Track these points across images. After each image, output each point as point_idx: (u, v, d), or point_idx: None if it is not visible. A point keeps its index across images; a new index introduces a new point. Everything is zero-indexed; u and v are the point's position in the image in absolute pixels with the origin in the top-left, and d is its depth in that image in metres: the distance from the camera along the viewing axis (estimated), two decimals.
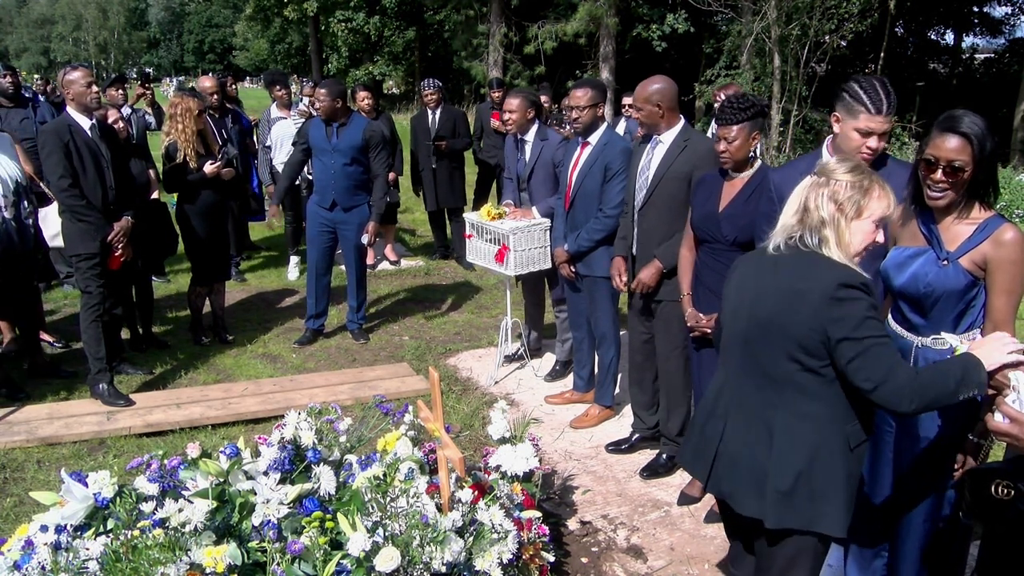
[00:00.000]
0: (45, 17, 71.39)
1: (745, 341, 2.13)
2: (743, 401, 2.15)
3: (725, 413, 2.19)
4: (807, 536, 2.08)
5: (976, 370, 1.94)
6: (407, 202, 9.14)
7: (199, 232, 5.24)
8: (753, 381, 2.12)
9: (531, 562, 2.72)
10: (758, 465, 2.08)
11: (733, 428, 2.16)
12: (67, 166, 4.18)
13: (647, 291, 3.65)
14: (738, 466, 2.13)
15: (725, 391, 2.21)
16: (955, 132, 2.17)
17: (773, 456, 2.06)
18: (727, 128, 3.06)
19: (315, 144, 5.38)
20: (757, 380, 2.11)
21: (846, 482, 2.05)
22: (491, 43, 20.45)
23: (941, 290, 2.27)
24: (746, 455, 2.12)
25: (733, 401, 2.18)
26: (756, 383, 2.11)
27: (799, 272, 2.03)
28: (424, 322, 6.17)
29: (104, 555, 2.21)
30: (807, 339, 1.98)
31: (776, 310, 2.04)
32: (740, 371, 2.16)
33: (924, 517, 2.43)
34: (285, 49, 37.71)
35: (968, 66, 25.20)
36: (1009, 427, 1.85)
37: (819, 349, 1.98)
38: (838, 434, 2.04)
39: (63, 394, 4.68)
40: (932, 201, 2.25)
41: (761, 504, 2.08)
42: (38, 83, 14.27)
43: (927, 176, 2.23)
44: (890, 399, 1.92)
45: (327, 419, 2.90)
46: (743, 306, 2.15)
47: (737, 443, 2.14)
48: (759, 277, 2.13)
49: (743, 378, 2.15)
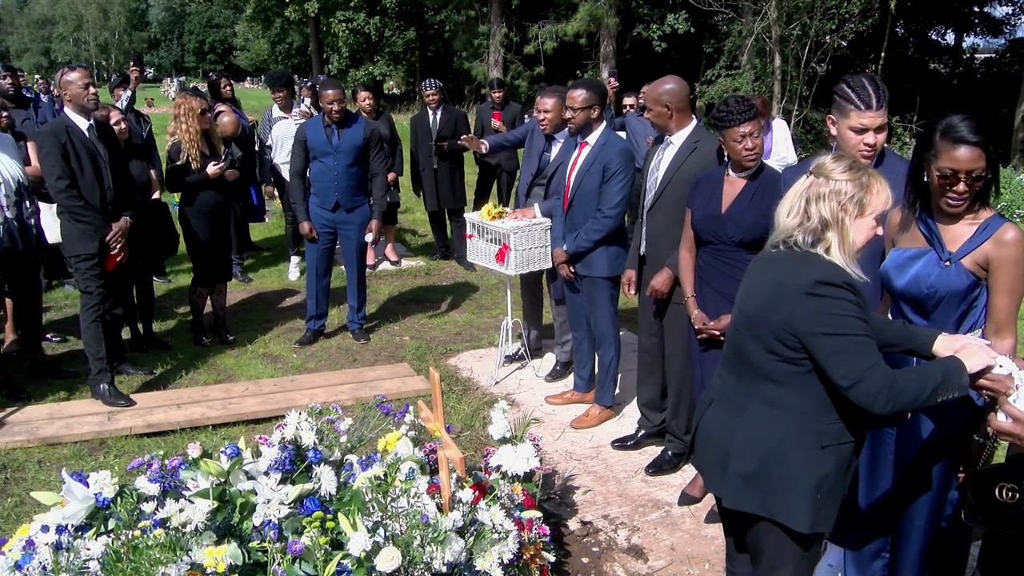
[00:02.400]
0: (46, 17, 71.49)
1: (735, 330, 2.21)
2: (725, 387, 2.25)
3: (711, 397, 2.30)
4: (780, 530, 2.11)
5: (957, 373, 1.95)
6: (407, 202, 9.15)
7: (200, 233, 5.25)
8: (736, 369, 2.20)
9: (532, 562, 2.72)
10: (725, 446, 2.17)
11: (714, 410, 2.26)
12: (64, 167, 4.18)
13: (661, 297, 3.65)
14: (710, 445, 2.24)
15: (717, 378, 2.32)
16: (968, 143, 2.14)
17: (738, 439, 2.14)
18: (746, 125, 3.04)
19: (315, 146, 5.35)
20: (739, 368, 2.19)
21: (807, 478, 2.06)
22: (491, 43, 20.47)
23: (944, 291, 2.26)
24: (716, 436, 2.22)
25: (720, 387, 2.28)
26: (738, 371, 2.19)
27: (788, 268, 2.06)
28: (425, 322, 6.17)
29: (105, 555, 2.21)
30: (781, 331, 2.03)
31: (761, 303, 2.10)
32: (728, 359, 2.26)
33: (926, 518, 2.42)
34: (286, 49, 37.76)
35: (968, 66, 25.22)
36: (1012, 426, 1.85)
37: (792, 340, 2.02)
38: (808, 429, 2.06)
39: (64, 394, 4.68)
40: (952, 210, 2.23)
41: (722, 484, 2.18)
42: (39, 83, 14.29)
43: (947, 188, 2.20)
44: (864, 399, 1.93)
45: (328, 419, 2.90)
46: (740, 300, 2.23)
47: (714, 424, 2.24)
48: (756, 274, 2.19)
49: (729, 365, 2.25)
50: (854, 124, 2.54)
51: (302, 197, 5.50)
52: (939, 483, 2.38)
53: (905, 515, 2.47)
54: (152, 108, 24.07)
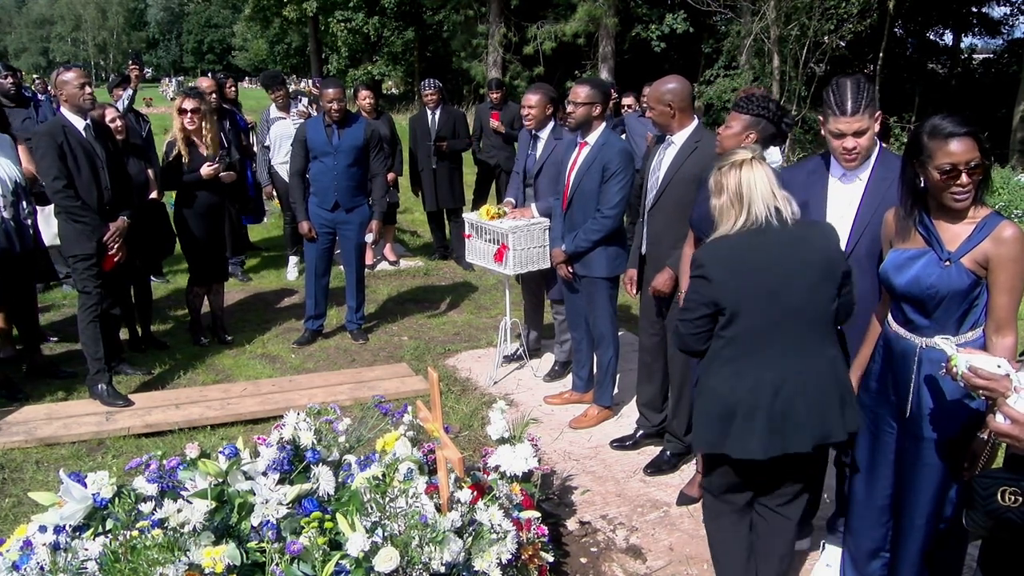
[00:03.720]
0: (44, 17, 71.45)
1: (779, 317, 2.38)
2: (787, 363, 2.40)
3: (777, 382, 2.40)
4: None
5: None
6: (406, 202, 9.14)
7: (195, 233, 5.24)
8: (794, 345, 2.39)
9: (530, 562, 2.72)
10: (830, 394, 2.43)
11: (792, 385, 2.38)
12: (61, 167, 4.17)
13: (663, 296, 3.65)
14: (812, 410, 2.40)
15: (768, 370, 2.40)
16: (959, 135, 2.16)
17: (838, 383, 2.45)
18: (730, 115, 3.11)
19: (315, 146, 5.35)
20: (800, 341, 2.39)
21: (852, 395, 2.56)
22: (490, 43, 20.47)
23: (945, 291, 2.26)
24: (813, 396, 2.40)
25: (781, 369, 2.39)
26: (799, 343, 2.39)
27: (809, 243, 2.40)
28: (423, 322, 6.17)
29: (103, 555, 2.21)
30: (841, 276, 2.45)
31: (820, 270, 2.41)
32: (776, 345, 2.39)
33: (925, 518, 2.42)
34: (284, 49, 37.75)
35: (967, 66, 25.24)
36: (1010, 428, 1.84)
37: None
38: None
39: (62, 394, 4.68)
40: (959, 204, 2.22)
41: (842, 422, 2.43)
42: (37, 83, 14.27)
43: (950, 183, 2.20)
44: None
45: (326, 419, 2.90)
46: (775, 287, 2.37)
47: (800, 392, 2.39)
48: (777, 255, 2.39)
49: (780, 347, 2.39)
50: (831, 128, 2.57)
51: (302, 197, 5.49)
52: (939, 483, 2.37)
53: (904, 515, 2.47)
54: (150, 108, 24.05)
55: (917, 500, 2.42)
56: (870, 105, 2.54)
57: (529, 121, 4.60)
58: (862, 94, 2.52)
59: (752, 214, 2.37)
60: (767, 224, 2.36)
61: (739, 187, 2.40)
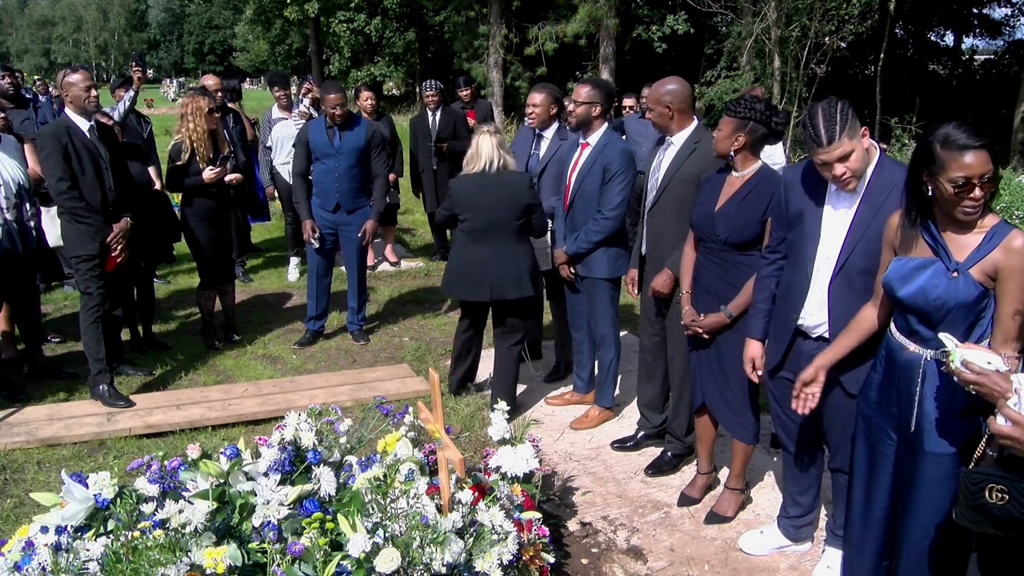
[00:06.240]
0: (46, 18, 71.54)
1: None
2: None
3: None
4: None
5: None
6: (407, 203, 9.15)
7: (201, 236, 5.22)
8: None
9: (531, 563, 2.72)
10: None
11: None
12: (65, 168, 4.18)
13: (662, 297, 3.65)
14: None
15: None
16: (974, 147, 2.10)
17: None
18: (721, 119, 3.15)
19: (317, 148, 5.35)
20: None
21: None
22: (491, 44, 20.47)
23: (953, 303, 2.20)
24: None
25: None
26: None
27: (509, 184, 4.15)
28: (424, 323, 6.17)
29: (104, 556, 2.22)
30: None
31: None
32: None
33: (924, 532, 2.36)
34: (286, 50, 37.77)
35: (968, 67, 25.22)
36: (1011, 430, 1.84)
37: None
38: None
39: (63, 395, 4.68)
40: (970, 218, 2.18)
41: (510, 288, 4.17)
42: (38, 84, 14.27)
43: (963, 196, 2.14)
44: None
45: (327, 420, 2.90)
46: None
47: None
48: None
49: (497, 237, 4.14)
50: (816, 160, 2.55)
51: (305, 197, 5.48)
52: (939, 497, 2.30)
53: (903, 528, 2.41)
54: (151, 109, 24.08)
55: (916, 514, 2.36)
56: (847, 128, 2.48)
57: (532, 120, 4.61)
58: (834, 120, 2.47)
59: (482, 162, 4.10)
60: (488, 169, 4.09)
61: (478, 147, 4.13)
